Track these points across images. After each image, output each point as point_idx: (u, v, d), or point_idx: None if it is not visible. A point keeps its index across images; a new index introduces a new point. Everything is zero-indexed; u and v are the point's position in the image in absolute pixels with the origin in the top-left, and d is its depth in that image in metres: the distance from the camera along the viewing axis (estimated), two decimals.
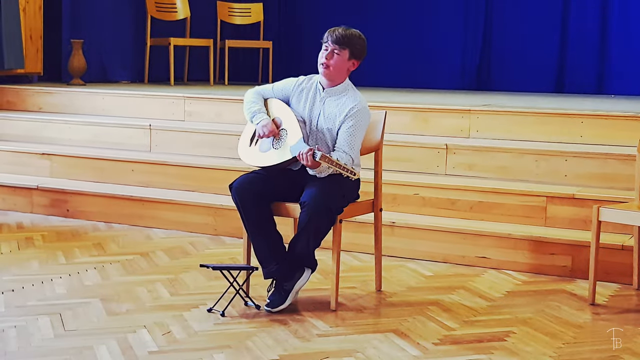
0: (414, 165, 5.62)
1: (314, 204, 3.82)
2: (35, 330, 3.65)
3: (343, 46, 4.00)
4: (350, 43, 4.01)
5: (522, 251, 4.78)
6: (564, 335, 3.73)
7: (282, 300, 3.98)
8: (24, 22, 7.65)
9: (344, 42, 4.00)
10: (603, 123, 5.58)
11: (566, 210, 4.92)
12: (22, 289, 4.26)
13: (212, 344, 3.53)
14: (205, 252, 5.14)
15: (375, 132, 4.25)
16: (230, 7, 9.03)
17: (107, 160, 6.23)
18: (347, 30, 4.04)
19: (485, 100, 6.80)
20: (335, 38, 4.00)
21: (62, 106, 7.28)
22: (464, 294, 4.34)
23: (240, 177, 4.05)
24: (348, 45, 4.01)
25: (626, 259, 4.52)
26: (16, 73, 7.72)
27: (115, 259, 4.90)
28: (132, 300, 4.11)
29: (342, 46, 4.00)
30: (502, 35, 8.64)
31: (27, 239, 5.35)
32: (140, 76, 8.74)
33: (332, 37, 4.01)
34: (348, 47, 4.01)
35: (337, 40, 4.00)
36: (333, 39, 4.01)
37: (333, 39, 4.01)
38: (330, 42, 4.01)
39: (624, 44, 8.08)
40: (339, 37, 4.00)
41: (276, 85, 4.24)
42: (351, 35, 4.03)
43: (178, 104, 6.85)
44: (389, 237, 4.96)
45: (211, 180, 5.83)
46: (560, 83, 8.41)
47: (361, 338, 3.65)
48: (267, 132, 4.02)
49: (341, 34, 4.01)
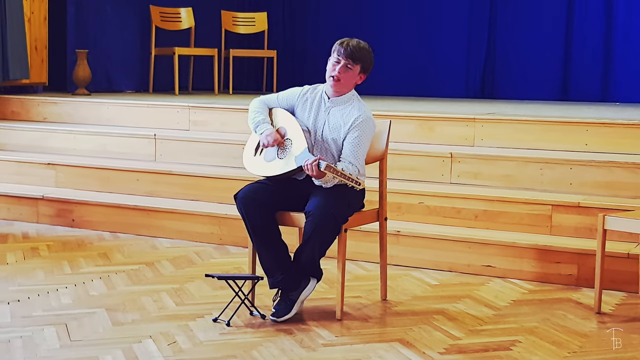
0: (419, 174, 5.62)
1: (319, 214, 3.82)
2: (41, 340, 3.65)
3: (356, 62, 3.99)
4: (362, 58, 3.99)
5: (528, 260, 4.77)
6: (570, 344, 3.72)
7: (288, 310, 3.97)
8: (29, 33, 7.68)
9: (357, 58, 3.98)
10: (608, 131, 5.57)
11: (571, 218, 4.91)
12: (28, 299, 4.26)
13: (217, 354, 3.53)
14: (211, 261, 5.14)
15: (380, 140, 4.25)
16: (235, 17, 9.05)
17: (112, 170, 6.24)
18: (359, 43, 4.01)
19: (490, 109, 6.80)
20: (350, 52, 3.97)
21: (67, 116, 7.30)
22: (469, 303, 4.33)
23: (245, 187, 4.05)
24: (360, 61, 3.99)
25: (632, 267, 4.50)
26: (21, 83, 7.74)
27: (121, 268, 4.90)
28: (138, 310, 4.11)
29: (355, 61, 3.98)
30: (506, 43, 8.65)
31: (32, 249, 5.35)
32: (145, 86, 8.76)
33: (347, 51, 3.97)
34: (360, 62, 4.00)
35: (350, 55, 3.97)
36: (347, 53, 3.97)
37: (347, 54, 3.97)
38: (344, 56, 3.98)
39: (628, 51, 8.08)
40: (353, 51, 3.97)
41: (281, 95, 4.24)
42: (363, 49, 4.00)
43: (183, 113, 6.86)
44: (394, 246, 4.95)
45: (216, 190, 5.83)
46: (564, 91, 8.40)
47: (367, 347, 3.64)
48: (272, 142, 4.01)
49: (355, 47, 3.98)
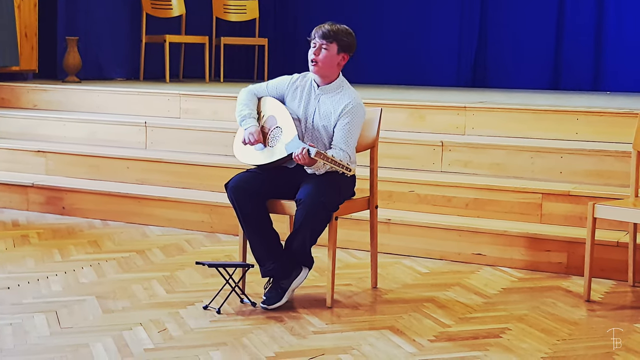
0: (410, 163, 5.62)
1: (310, 202, 3.82)
2: (31, 327, 3.65)
3: (330, 40, 4.00)
4: (336, 37, 4.01)
5: (518, 248, 4.78)
6: (559, 332, 3.73)
7: (279, 298, 3.98)
8: (18, 19, 7.63)
9: (330, 36, 4.00)
10: (599, 120, 5.59)
11: (562, 207, 4.92)
12: (18, 287, 4.26)
13: (208, 341, 3.53)
14: (201, 249, 5.14)
15: (370, 129, 4.25)
16: (226, 4, 9.02)
17: (102, 158, 6.22)
18: (333, 25, 4.05)
19: (481, 97, 6.80)
20: (322, 33, 4.01)
21: (58, 103, 7.27)
22: (459, 291, 4.34)
23: (236, 176, 4.04)
24: (335, 39, 4.01)
25: (621, 255, 4.53)
26: (11, 70, 7.70)
27: (111, 256, 4.90)
28: (128, 298, 4.11)
29: (329, 40, 4.00)
30: (498, 32, 8.64)
31: (22, 236, 5.34)
32: (136, 73, 8.72)
33: (319, 32, 4.02)
34: (335, 40, 4.01)
35: (323, 35, 4.01)
36: (320, 34, 4.02)
37: (320, 35, 4.02)
38: (317, 37, 4.02)
39: (619, 40, 8.08)
40: (325, 32, 4.01)
41: (270, 84, 4.23)
42: (337, 29, 4.03)
43: (174, 101, 6.84)
44: (384, 234, 4.96)
45: (207, 178, 5.82)
46: (556, 80, 8.40)
47: (357, 335, 3.65)
48: (253, 140, 4.02)
49: (327, 29, 4.02)
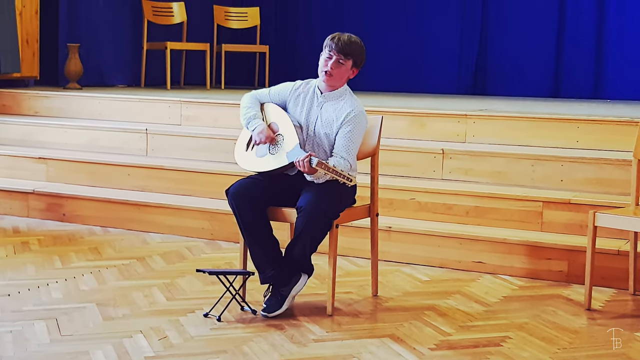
0: (411, 170, 5.62)
1: (311, 209, 3.82)
2: (31, 335, 3.64)
3: (348, 56, 3.99)
4: (354, 53, 4.00)
5: (518, 256, 4.78)
6: (559, 341, 3.73)
7: (279, 306, 3.97)
8: (20, 26, 7.65)
9: (348, 53, 3.98)
10: (599, 128, 5.59)
11: (562, 215, 4.92)
12: (18, 294, 4.25)
13: (208, 349, 3.53)
14: (202, 256, 5.14)
15: (371, 136, 4.25)
16: (227, 11, 9.04)
17: (103, 165, 6.22)
18: (350, 38, 4.01)
19: (482, 105, 6.81)
20: (341, 47, 3.97)
21: (59, 110, 7.28)
22: (460, 299, 4.34)
23: (237, 182, 4.04)
24: (352, 56, 4.00)
25: (622, 264, 4.52)
26: (12, 77, 7.71)
27: (112, 263, 4.90)
28: (129, 305, 4.11)
29: (347, 56, 3.99)
30: (499, 40, 8.65)
31: (23, 243, 5.34)
32: (137, 80, 8.73)
33: (338, 46, 3.98)
34: (352, 57, 4.00)
35: (342, 50, 3.97)
36: (339, 48, 3.97)
37: (339, 49, 3.97)
38: (336, 51, 3.98)
39: (619, 48, 8.09)
40: (344, 46, 3.97)
41: (273, 90, 4.23)
42: (354, 44, 4.01)
43: (174, 108, 6.85)
44: (385, 242, 4.96)
45: (208, 185, 5.82)
46: (556, 88, 8.41)
47: (357, 343, 3.65)
48: (263, 139, 4.01)
49: (346, 42, 3.98)
